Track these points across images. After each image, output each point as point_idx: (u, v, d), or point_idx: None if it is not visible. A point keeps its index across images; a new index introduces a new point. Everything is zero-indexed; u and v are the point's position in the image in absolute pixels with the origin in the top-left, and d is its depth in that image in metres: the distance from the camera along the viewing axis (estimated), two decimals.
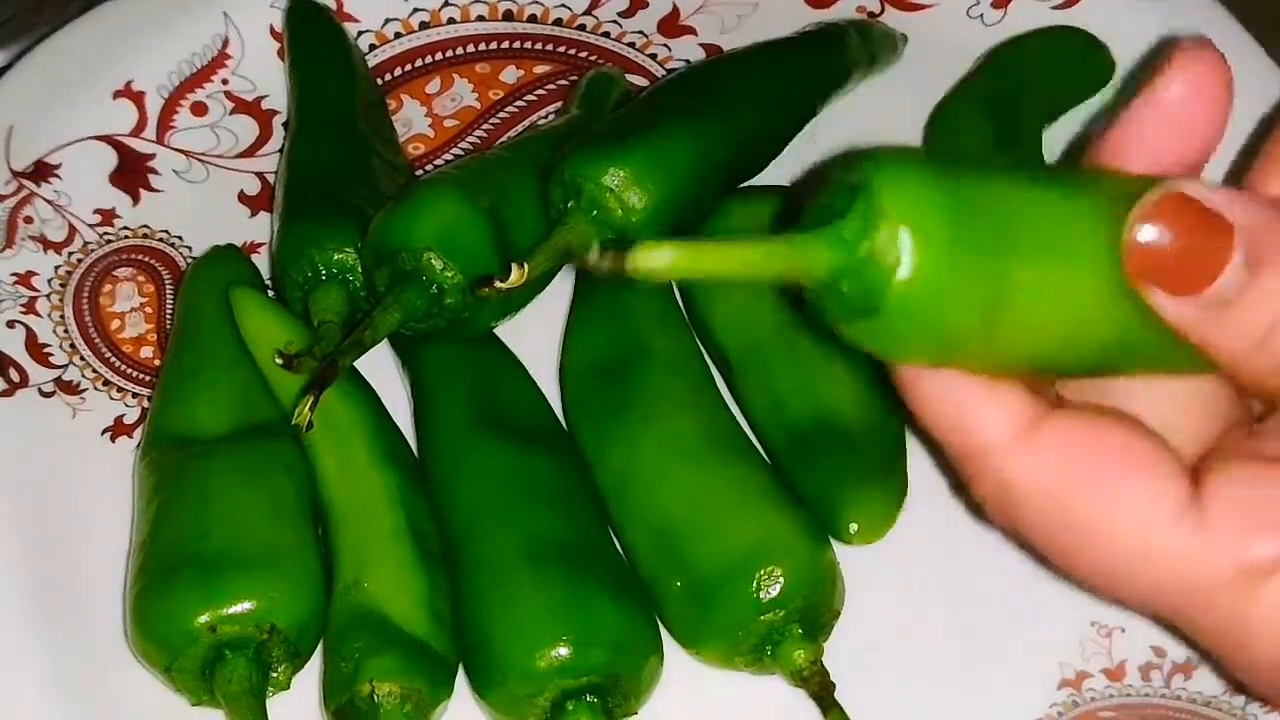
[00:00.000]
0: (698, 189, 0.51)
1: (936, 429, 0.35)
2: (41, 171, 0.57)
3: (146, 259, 0.57)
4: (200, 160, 0.59)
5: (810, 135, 0.57)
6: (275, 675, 0.45)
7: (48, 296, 0.55)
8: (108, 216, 0.57)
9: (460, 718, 0.46)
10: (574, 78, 0.61)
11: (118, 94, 0.59)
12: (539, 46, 0.62)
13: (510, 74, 0.62)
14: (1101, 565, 0.34)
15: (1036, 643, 0.48)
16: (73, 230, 0.57)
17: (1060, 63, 0.59)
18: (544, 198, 0.51)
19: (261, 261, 0.56)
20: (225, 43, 0.61)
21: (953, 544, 0.49)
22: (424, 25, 0.63)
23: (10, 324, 0.54)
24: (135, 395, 0.54)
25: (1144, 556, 0.33)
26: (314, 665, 0.46)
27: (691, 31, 0.63)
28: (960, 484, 0.38)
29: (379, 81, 0.61)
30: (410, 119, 0.61)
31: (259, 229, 0.58)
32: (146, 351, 0.55)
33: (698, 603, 0.45)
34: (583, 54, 0.62)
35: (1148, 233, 0.32)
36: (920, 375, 0.34)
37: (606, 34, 0.62)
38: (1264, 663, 0.34)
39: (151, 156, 0.59)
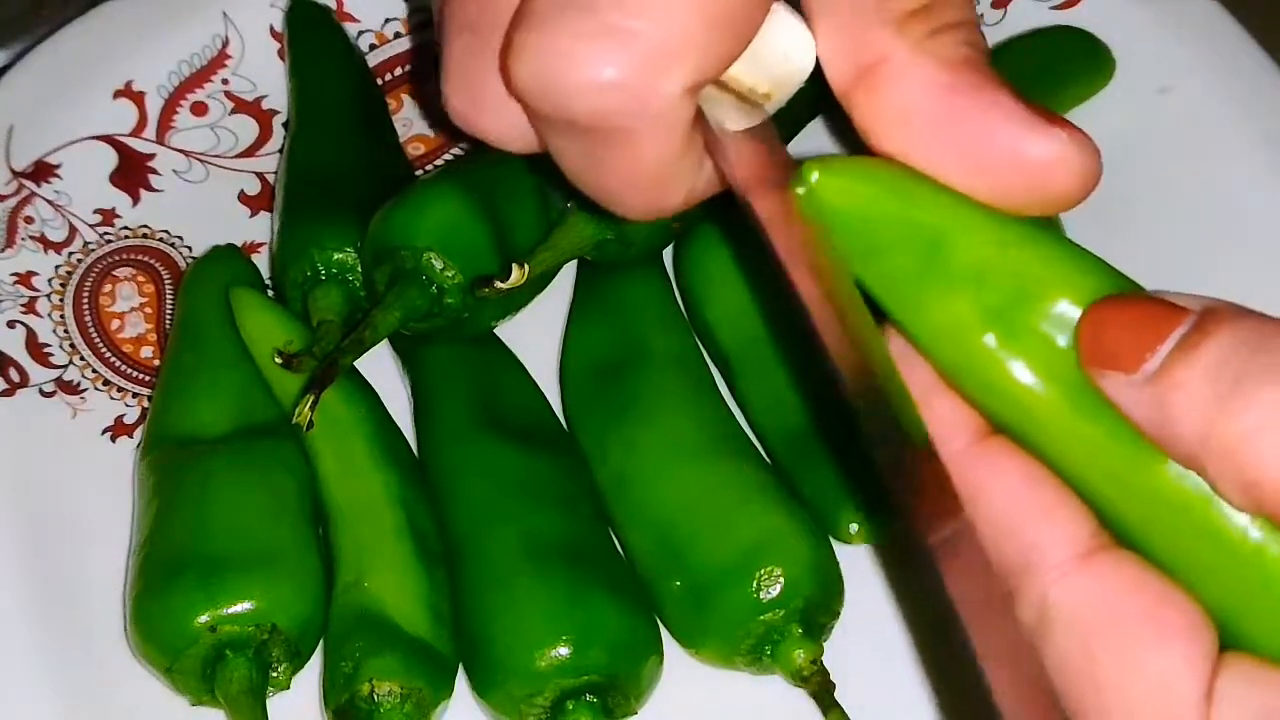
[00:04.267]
0: None
1: (991, 531, 0.34)
2: (41, 171, 0.57)
3: (146, 259, 0.57)
4: (200, 160, 0.59)
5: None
6: (275, 675, 0.45)
7: (48, 296, 0.55)
8: (108, 216, 0.57)
9: (460, 718, 0.46)
10: None
11: (118, 94, 0.59)
12: None
13: None
14: (1109, 714, 0.33)
15: None
16: (73, 230, 0.57)
17: (1060, 63, 0.59)
18: (544, 197, 0.51)
19: (261, 261, 0.56)
20: (225, 43, 0.61)
21: None
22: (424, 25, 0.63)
23: (10, 324, 0.54)
24: (135, 395, 0.53)
25: None
26: (314, 665, 0.46)
27: None
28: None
29: (379, 81, 0.61)
30: (410, 119, 0.61)
31: (259, 229, 0.58)
32: (146, 351, 0.55)
33: (698, 602, 0.45)
34: None
35: (1101, 319, 0.31)
36: (990, 471, 0.33)
37: None
38: None
39: (151, 156, 0.59)
